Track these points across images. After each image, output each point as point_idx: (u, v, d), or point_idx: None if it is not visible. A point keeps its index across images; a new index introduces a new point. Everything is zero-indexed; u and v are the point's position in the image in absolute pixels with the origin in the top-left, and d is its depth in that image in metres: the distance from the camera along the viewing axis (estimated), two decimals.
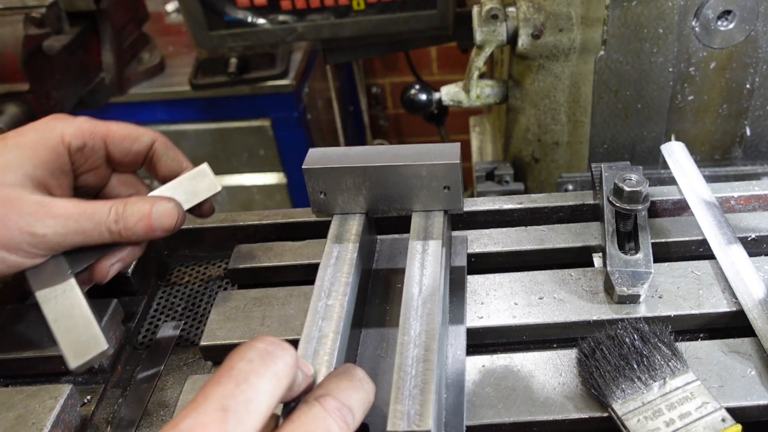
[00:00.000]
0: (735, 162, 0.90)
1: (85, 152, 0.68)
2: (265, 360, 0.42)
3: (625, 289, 0.64)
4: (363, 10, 1.15)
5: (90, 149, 0.68)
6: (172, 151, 0.72)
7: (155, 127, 2.02)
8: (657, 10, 0.77)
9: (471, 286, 0.69)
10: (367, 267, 0.69)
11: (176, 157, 0.72)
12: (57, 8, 1.32)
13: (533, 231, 0.76)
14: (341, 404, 0.45)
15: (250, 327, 0.67)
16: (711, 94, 0.83)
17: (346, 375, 0.48)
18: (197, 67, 1.82)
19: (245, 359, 0.42)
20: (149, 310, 0.79)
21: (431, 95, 1.07)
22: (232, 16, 1.16)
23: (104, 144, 0.69)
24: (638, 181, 0.68)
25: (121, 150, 0.70)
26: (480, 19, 0.93)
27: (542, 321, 0.64)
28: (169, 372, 0.70)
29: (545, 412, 0.57)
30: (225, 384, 0.41)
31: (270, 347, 0.43)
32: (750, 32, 0.78)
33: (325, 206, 0.67)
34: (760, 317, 0.61)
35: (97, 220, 0.63)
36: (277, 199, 2.14)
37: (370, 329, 0.64)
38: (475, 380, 0.60)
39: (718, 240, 0.69)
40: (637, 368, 0.56)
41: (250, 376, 0.41)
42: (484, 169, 1.06)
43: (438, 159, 0.63)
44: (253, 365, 0.42)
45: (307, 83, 2.05)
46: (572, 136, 1.00)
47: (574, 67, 0.94)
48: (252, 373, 0.42)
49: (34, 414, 0.60)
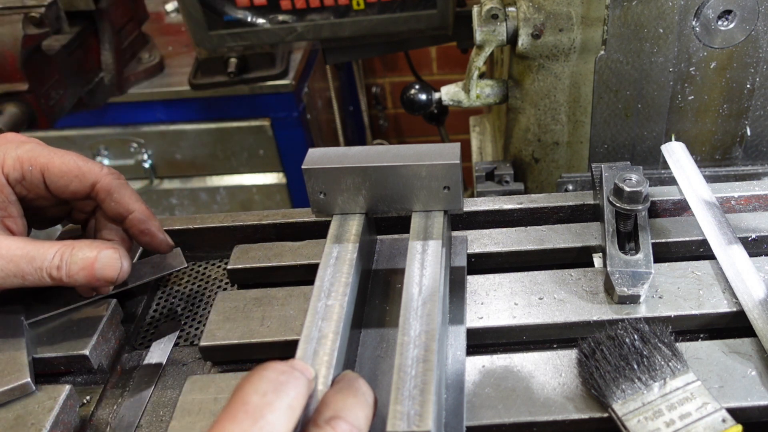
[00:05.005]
0: (735, 162, 0.90)
1: (25, 184, 0.67)
2: (279, 393, 0.42)
3: (625, 290, 0.64)
4: (363, 10, 1.15)
5: (29, 182, 0.67)
6: (117, 193, 0.69)
7: (155, 127, 2.03)
8: (657, 10, 0.77)
9: (471, 286, 0.69)
10: (366, 267, 0.69)
11: (120, 200, 0.69)
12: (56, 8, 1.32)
13: (533, 231, 0.76)
14: (351, 426, 0.45)
15: (250, 327, 0.67)
16: (711, 94, 0.83)
17: (351, 390, 0.48)
18: (197, 66, 1.82)
19: (259, 392, 0.42)
20: (148, 310, 0.79)
21: (431, 95, 1.06)
22: (232, 16, 1.16)
23: (42, 177, 0.67)
24: (638, 181, 0.68)
25: (57, 187, 0.68)
26: (480, 18, 0.93)
27: (542, 321, 0.64)
28: (169, 372, 0.70)
29: (545, 413, 0.57)
30: (242, 421, 0.40)
31: (282, 377, 0.43)
32: (750, 32, 0.78)
33: (325, 206, 0.67)
34: (760, 317, 0.61)
35: (37, 265, 0.62)
36: (277, 199, 2.15)
37: (369, 329, 0.64)
38: (475, 381, 0.60)
39: (718, 240, 0.68)
40: (638, 369, 0.56)
41: (266, 412, 0.41)
42: (484, 169, 1.06)
43: (438, 159, 0.63)
44: (267, 399, 0.42)
45: (307, 83, 2.05)
46: (572, 136, 1.00)
47: (574, 67, 0.94)
48: (267, 407, 0.41)
49: (33, 415, 0.60)
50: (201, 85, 1.80)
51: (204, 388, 0.62)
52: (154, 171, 2.12)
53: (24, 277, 0.62)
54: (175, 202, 2.18)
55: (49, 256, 0.63)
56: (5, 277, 0.62)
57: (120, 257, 0.65)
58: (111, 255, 0.65)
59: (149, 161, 2.09)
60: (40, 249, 0.63)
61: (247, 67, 1.78)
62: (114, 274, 0.65)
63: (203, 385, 0.62)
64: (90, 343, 0.67)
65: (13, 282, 0.63)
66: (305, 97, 2.03)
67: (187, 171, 2.13)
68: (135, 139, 2.06)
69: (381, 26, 1.16)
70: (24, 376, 0.62)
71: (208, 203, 2.17)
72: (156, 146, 2.07)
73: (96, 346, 0.67)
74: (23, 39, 1.25)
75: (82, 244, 0.65)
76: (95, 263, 0.64)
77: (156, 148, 2.07)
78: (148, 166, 2.10)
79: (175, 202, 2.18)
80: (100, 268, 0.64)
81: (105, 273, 0.64)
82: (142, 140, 2.06)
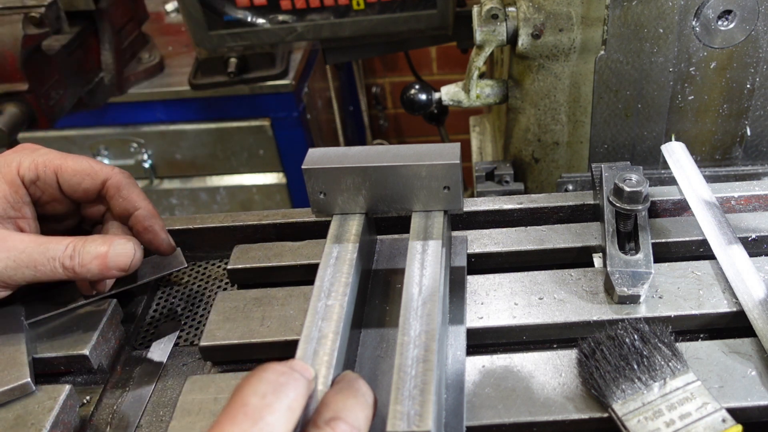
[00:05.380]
0: (735, 162, 0.90)
1: (39, 185, 0.70)
2: (278, 394, 0.42)
3: (625, 290, 0.64)
4: (363, 10, 1.15)
5: (43, 182, 0.69)
6: (125, 190, 0.71)
7: (155, 127, 2.03)
8: (657, 10, 0.77)
9: (471, 286, 0.69)
10: (366, 267, 0.69)
11: (129, 197, 0.71)
12: (56, 8, 1.32)
13: (533, 231, 0.76)
14: (351, 427, 0.45)
15: (250, 327, 0.67)
16: (711, 94, 0.83)
17: (350, 391, 0.48)
18: (197, 66, 1.82)
19: (258, 394, 0.42)
20: (148, 310, 0.79)
21: (431, 95, 1.06)
22: (232, 16, 1.16)
23: (56, 177, 0.70)
24: (638, 181, 0.68)
25: (70, 185, 0.70)
26: (480, 18, 0.93)
27: (542, 321, 0.64)
28: (169, 372, 0.70)
29: (545, 413, 0.57)
30: (241, 423, 0.41)
31: (281, 378, 0.43)
32: (750, 32, 0.78)
33: (325, 206, 0.67)
34: (760, 317, 0.61)
35: (50, 255, 0.63)
36: (277, 199, 2.15)
37: (369, 329, 0.64)
38: (475, 381, 0.60)
39: (718, 240, 0.68)
40: (638, 369, 0.56)
41: (265, 414, 0.41)
42: (484, 169, 1.06)
43: (438, 159, 0.63)
44: (266, 400, 0.42)
45: (307, 83, 2.05)
46: (572, 136, 1.00)
47: (574, 67, 0.94)
48: (266, 409, 0.41)
49: (32, 415, 0.60)
50: (201, 85, 1.80)
51: (204, 388, 0.62)
52: (154, 171, 2.12)
53: (36, 268, 0.63)
54: (175, 202, 2.18)
55: (61, 246, 0.64)
56: (17, 268, 0.63)
57: (133, 245, 0.67)
58: (124, 243, 0.66)
59: (149, 161, 2.09)
60: (52, 240, 0.65)
61: (247, 67, 1.78)
62: (127, 261, 0.66)
63: (203, 385, 0.62)
64: (90, 343, 0.67)
65: (25, 273, 0.63)
66: (305, 97, 2.03)
67: (187, 171, 2.13)
68: (135, 139, 2.06)
69: (381, 26, 1.16)
70: (24, 376, 0.62)
71: (208, 203, 2.17)
72: (156, 146, 2.07)
73: (96, 346, 0.68)
74: (23, 39, 1.25)
75: (94, 237, 0.67)
76: (109, 251, 0.65)
77: (156, 148, 2.08)
78: (148, 166, 2.10)
79: (175, 202, 2.18)
80: (113, 256, 0.65)
81: (118, 261, 0.65)
82: (142, 140, 2.06)
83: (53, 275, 0.64)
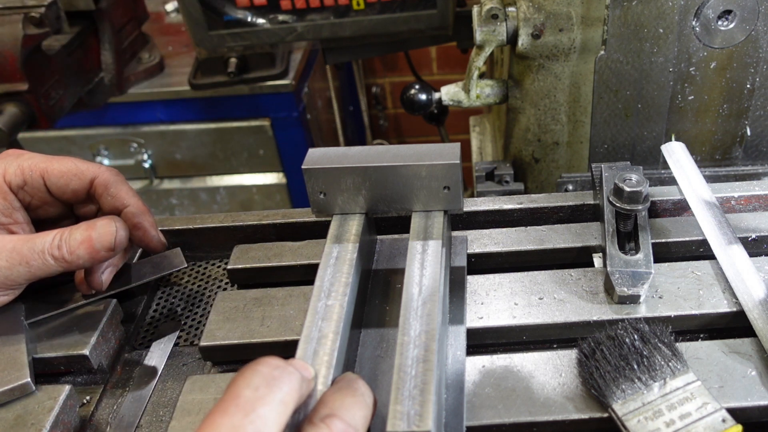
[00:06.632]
0: (735, 162, 0.90)
1: (27, 190, 0.70)
2: (271, 387, 0.42)
3: (625, 290, 0.64)
4: (363, 10, 1.15)
5: (31, 186, 0.70)
6: (113, 188, 0.72)
7: (155, 127, 2.03)
8: (657, 10, 0.77)
9: (471, 286, 0.69)
10: (366, 267, 0.69)
11: (117, 194, 0.72)
12: (56, 8, 1.32)
13: (533, 231, 0.76)
14: (347, 425, 0.44)
15: (250, 327, 0.67)
16: (711, 94, 0.83)
17: (349, 390, 0.48)
18: (197, 66, 1.82)
19: (251, 386, 0.42)
20: (148, 310, 0.79)
21: (431, 95, 1.06)
22: (232, 16, 1.16)
23: (43, 180, 0.70)
24: (638, 181, 0.68)
25: (58, 187, 0.71)
26: (480, 18, 0.93)
27: (542, 321, 0.64)
28: (169, 372, 0.70)
29: (545, 413, 0.57)
30: (233, 414, 0.41)
31: (275, 372, 0.43)
32: (750, 32, 0.78)
33: (325, 206, 0.67)
34: (760, 317, 0.61)
35: (38, 249, 0.64)
36: (277, 199, 2.15)
37: (369, 329, 0.64)
38: (475, 381, 0.60)
39: (718, 240, 0.68)
40: (638, 369, 0.56)
41: (258, 406, 0.41)
42: (484, 169, 1.06)
43: (438, 159, 0.63)
44: (259, 393, 0.42)
45: (307, 83, 2.05)
46: (572, 136, 1.00)
47: (574, 67, 0.94)
48: (259, 401, 0.41)
49: (33, 415, 0.60)
50: (201, 85, 1.80)
51: (204, 388, 0.62)
52: (154, 171, 2.12)
53: (29, 264, 0.64)
54: (175, 202, 2.18)
55: (48, 239, 0.65)
56: (11, 267, 0.64)
57: (115, 224, 0.67)
58: (105, 223, 0.67)
59: (149, 161, 2.09)
60: (39, 235, 0.66)
61: (247, 67, 1.78)
62: (111, 238, 0.66)
63: (203, 385, 0.62)
64: (90, 343, 0.67)
65: (19, 271, 0.64)
66: (305, 97, 2.03)
67: (187, 171, 2.13)
68: (135, 139, 2.06)
69: (381, 26, 1.16)
70: (24, 376, 0.62)
71: (208, 203, 2.17)
72: (156, 146, 2.07)
73: (96, 346, 0.68)
74: (23, 39, 1.25)
75: (78, 224, 0.67)
76: (92, 234, 0.66)
77: (156, 148, 2.08)
78: (148, 166, 2.10)
79: (175, 202, 2.18)
80: (97, 237, 0.66)
81: (103, 240, 0.66)
82: (142, 140, 2.06)
83: (46, 268, 0.65)
